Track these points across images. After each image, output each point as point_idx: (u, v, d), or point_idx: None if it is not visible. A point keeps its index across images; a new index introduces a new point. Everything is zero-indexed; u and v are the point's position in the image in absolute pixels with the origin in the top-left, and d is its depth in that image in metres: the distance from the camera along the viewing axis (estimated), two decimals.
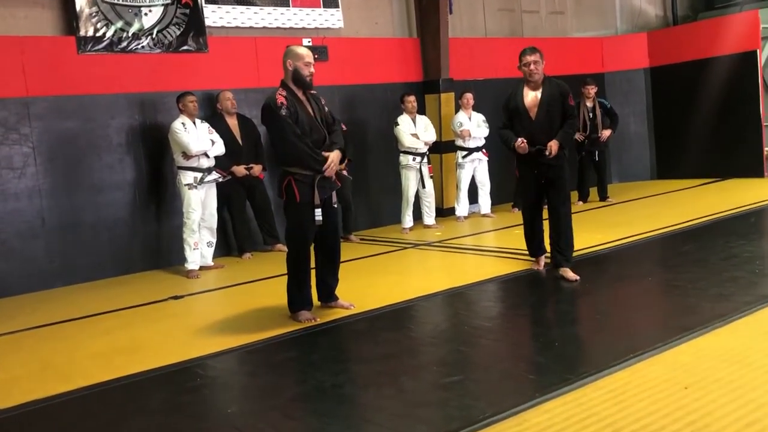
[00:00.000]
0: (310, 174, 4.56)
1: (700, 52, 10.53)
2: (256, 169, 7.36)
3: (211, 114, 7.48)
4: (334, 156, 4.60)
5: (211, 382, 3.83)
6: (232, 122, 7.38)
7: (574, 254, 5.59)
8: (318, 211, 4.57)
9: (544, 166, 5.38)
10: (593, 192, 9.47)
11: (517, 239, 7.09)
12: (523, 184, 5.80)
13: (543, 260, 5.70)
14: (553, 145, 5.26)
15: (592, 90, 9.23)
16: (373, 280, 5.91)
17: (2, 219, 6.48)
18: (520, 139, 5.36)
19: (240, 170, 7.27)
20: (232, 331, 4.68)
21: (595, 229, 7.30)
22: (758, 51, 9.95)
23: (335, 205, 4.82)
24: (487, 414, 2.94)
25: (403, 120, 8.21)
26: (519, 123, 5.44)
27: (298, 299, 4.71)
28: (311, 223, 4.59)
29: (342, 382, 3.55)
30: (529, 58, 5.35)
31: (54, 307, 5.89)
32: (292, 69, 4.61)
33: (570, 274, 5.22)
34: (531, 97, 5.41)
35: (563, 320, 4.58)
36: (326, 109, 4.82)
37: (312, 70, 4.63)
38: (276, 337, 4.39)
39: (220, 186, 7.13)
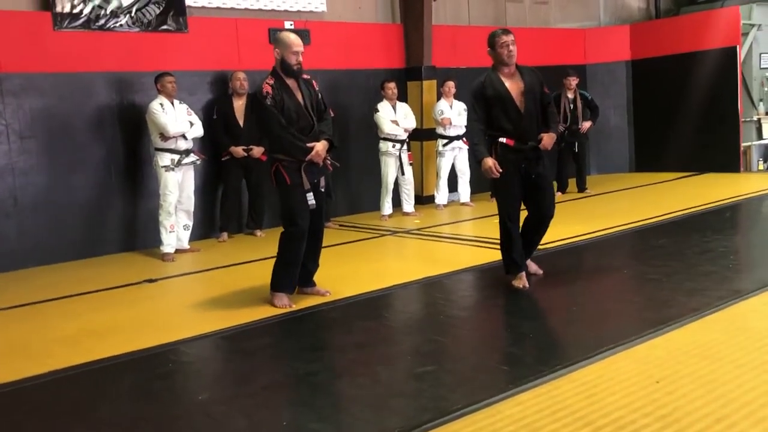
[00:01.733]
0: (295, 161, 4.56)
1: (681, 47, 10.58)
2: (257, 150, 7.31)
3: (222, 93, 7.52)
4: (319, 146, 4.59)
5: (184, 368, 3.80)
6: (238, 103, 7.34)
7: (552, 245, 5.60)
8: (310, 195, 4.58)
9: (533, 161, 4.77)
10: (572, 183, 9.52)
11: (496, 229, 7.10)
12: (505, 187, 4.82)
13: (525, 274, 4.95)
14: (549, 139, 4.75)
15: (573, 81, 9.24)
16: (351, 267, 5.88)
17: None
18: (490, 161, 4.64)
19: (237, 151, 7.24)
20: (207, 315, 4.64)
21: (573, 220, 7.32)
22: (738, 47, 10.03)
23: (322, 190, 4.81)
24: (460, 405, 2.94)
25: (383, 107, 8.16)
26: (504, 115, 4.70)
27: (283, 280, 4.68)
28: (305, 203, 4.58)
29: (316, 370, 3.53)
30: (506, 38, 4.68)
31: (25, 288, 5.80)
32: (280, 58, 4.60)
33: (535, 267, 5.17)
34: (510, 85, 4.74)
35: (538, 312, 4.59)
36: (320, 95, 4.79)
37: (300, 59, 4.61)
38: (250, 323, 4.35)
39: (217, 165, 7.13)
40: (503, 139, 4.71)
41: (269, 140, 4.70)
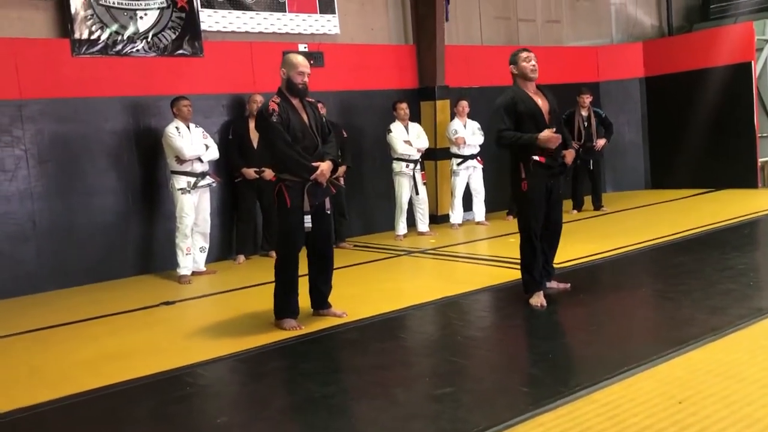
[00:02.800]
0: (300, 180, 4.56)
1: (695, 63, 10.55)
2: (268, 173, 7.34)
3: (238, 116, 7.61)
4: (324, 166, 4.61)
5: (201, 391, 3.79)
6: (253, 125, 7.38)
7: (569, 264, 5.56)
8: (307, 218, 4.57)
9: (557, 177, 4.89)
10: (587, 201, 9.47)
11: (512, 248, 7.07)
12: (533, 204, 4.82)
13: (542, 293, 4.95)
14: (570, 155, 4.88)
15: (587, 99, 9.23)
16: (366, 288, 5.87)
17: None
18: (545, 132, 4.65)
19: (249, 173, 7.28)
20: (223, 338, 4.64)
21: (589, 239, 7.28)
22: (753, 62, 9.99)
23: (328, 212, 4.80)
24: (480, 427, 2.91)
25: (396, 127, 8.19)
26: (536, 131, 4.70)
27: (284, 306, 4.69)
28: (300, 229, 4.58)
29: (333, 392, 3.51)
30: (530, 54, 4.81)
31: (43, 312, 5.83)
32: (286, 78, 4.64)
33: (556, 283, 5.18)
34: (539, 102, 4.82)
35: (557, 331, 4.55)
36: (324, 119, 4.82)
37: (306, 79, 4.65)
38: (267, 346, 4.35)
39: (232, 186, 7.18)
40: (536, 157, 4.73)
41: (274, 158, 4.68)
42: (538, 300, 4.79)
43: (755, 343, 3.73)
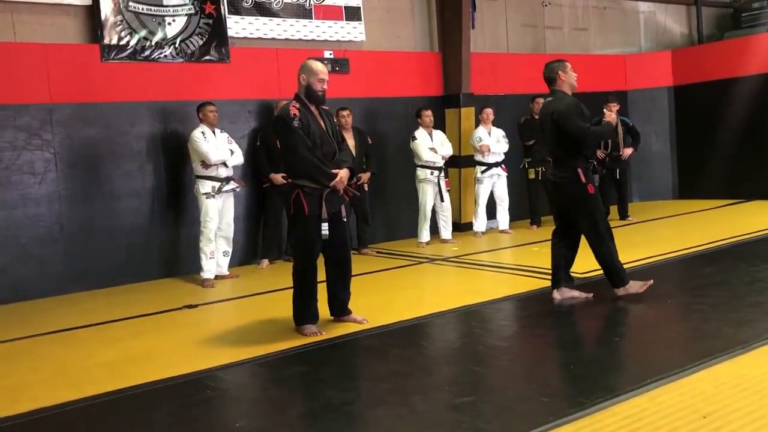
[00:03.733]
0: (318, 187, 4.56)
1: (725, 72, 10.40)
2: None
3: (267, 122, 7.59)
4: (343, 173, 4.62)
5: (221, 394, 3.80)
6: None
7: (594, 274, 5.50)
8: (325, 225, 4.56)
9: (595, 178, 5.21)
10: (613, 210, 9.35)
11: (536, 257, 7.03)
12: (599, 201, 5.11)
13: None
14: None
15: (614, 108, 9.11)
16: (388, 295, 5.86)
17: (22, 223, 6.53)
18: (606, 109, 5.09)
19: (277, 178, 7.29)
20: (244, 342, 4.65)
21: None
22: None
23: (344, 219, 4.80)
24: None
25: (420, 134, 8.18)
26: None
27: (302, 312, 4.68)
28: (317, 236, 4.58)
29: (352, 399, 3.50)
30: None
31: (69, 313, 5.91)
32: (305, 84, 4.64)
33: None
34: None
35: (579, 342, 4.50)
36: (336, 127, 4.85)
37: (325, 86, 4.65)
38: (287, 351, 4.35)
39: (260, 192, 7.22)
40: (597, 156, 5.03)
41: (293, 164, 4.64)
42: (638, 285, 5.01)
43: None
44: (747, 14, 12.43)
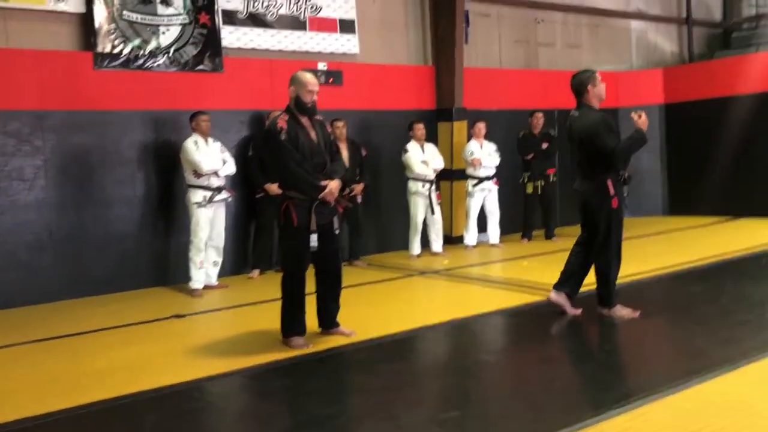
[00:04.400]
0: (307, 199, 4.56)
1: (715, 91, 10.49)
2: None
3: (257, 132, 7.59)
4: (333, 185, 4.61)
5: (207, 406, 3.79)
6: None
7: (583, 289, 5.53)
8: (313, 237, 4.55)
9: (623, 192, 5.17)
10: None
11: (526, 271, 7.06)
12: (622, 216, 5.05)
13: None
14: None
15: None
16: (377, 307, 5.85)
17: (10, 230, 6.49)
18: (635, 114, 4.99)
19: (273, 188, 7.24)
20: (231, 353, 4.63)
21: None
22: None
23: (337, 231, 4.79)
24: None
25: (412, 147, 8.21)
26: None
27: (290, 324, 4.67)
28: (306, 247, 4.56)
29: (338, 413, 3.49)
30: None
31: (57, 321, 5.88)
32: (295, 95, 4.65)
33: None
34: None
35: (567, 358, 4.50)
36: (331, 137, 4.84)
37: (314, 98, 4.65)
38: (274, 363, 4.34)
39: (252, 201, 7.25)
40: (623, 171, 5.01)
41: (281, 176, 4.68)
42: (626, 311, 4.95)
43: None
44: (737, 34, 12.59)
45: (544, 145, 9.02)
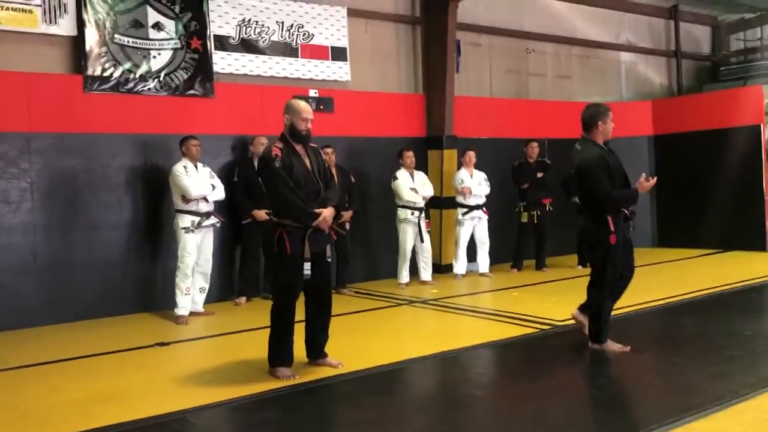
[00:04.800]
0: (301, 227, 4.52)
1: (704, 123, 10.58)
2: None
3: (242, 157, 7.61)
4: (327, 212, 4.58)
5: None
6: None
7: (572, 322, 5.48)
8: (307, 265, 4.52)
9: (629, 227, 5.09)
10: None
11: (516, 302, 7.01)
12: (619, 255, 4.94)
13: None
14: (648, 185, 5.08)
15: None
16: (364, 337, 5.78)
17: None
18: (644, 175, 4.94)
19: (260, 215, 7.23)
20: (215, 383, 4.54)
21: None
22: (762, 125, 10.01)
23: (329, 259, 4.75)
24: None
25: (402, 174, 8.20)
26: (619, 185, 4.97)
27: (277, 354, 4.60)
28: (299, 276, 4.52)
29: None
30: (612, 115, 5.07)
31: (38, 347, 5.76)
32: (289, 123, 4.65)
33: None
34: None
35: (557, 393, 4.42)
36: (327, 164, 4.82)
37: (309, 125, 4.66)
38: (259, 394, 4.25)
39: (238, 227, 7.20)
40: (626, 210, 4.96)
41: (275, 204, 4.67)
42: (616, 346, 4.91)
43: (762, 415, 3.62)
44: (725, 68, 12.74)
45: (539, 174, 9.03)
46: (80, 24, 6.83)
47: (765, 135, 10.08)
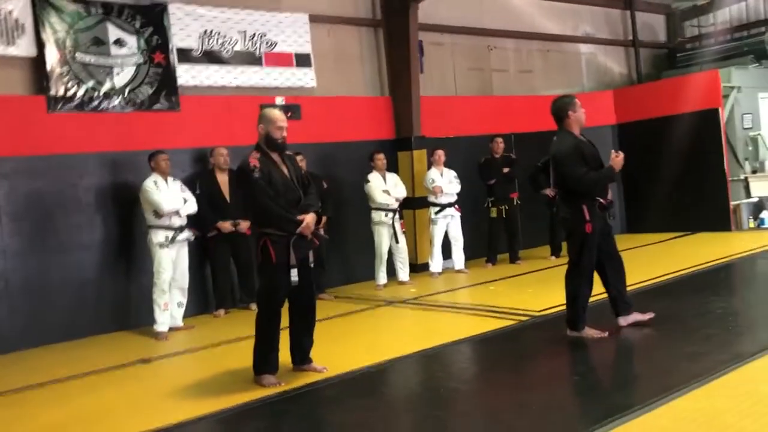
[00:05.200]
0: (285, 234, 4.55)
1: (664, 110, 10.80)
2: (244, 225, 7.29)
3: (202, 169, 7.55)
4: (309, 218, 4.61)
5: None
6: (222, 178, 7.35)
7: (549, 312, 5.56)
8: (294, 272, 4.55)
9: (608, 216, 5.17)
10: (565, 247, 9.49)
11: (493, 296, 7.09)
12: (594, 243, 5.01)
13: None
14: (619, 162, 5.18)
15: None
16: (346, 341, 5.80)
17: None
18: (612, 152, 5.05)
19: (226, 226, 7.21)
20: (201, 397, 4.54)
21: None
22: (720, 109, 10.24)
23: (311, 265, 4.78)
24: None
25: (374, 177, 8.24)
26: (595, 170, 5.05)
27: (263, 362, 4.61)
28: (286, 283, 4.55)
29: None
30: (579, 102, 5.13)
31: (13, 372, 5.68)
32: (264, 133, 4.66)
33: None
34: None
35: (540, 382, 4.49)
36: (303, 170, 4.84)
37: (284, 134, 4.68)
38: (245, 405, 4.25)
39: (205, 240, 7.15)
40: (601, 199, 5.02)
41: (256, 214, 4.68)
42: (593, 332, 5.00)
43: (737, 389, 3.73)
44: (682, 54, 13.00)
45: (506, 170, 9.14)
46: (39, 44, 6.75)
47: (723, 118, 10.32)
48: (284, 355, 4.77)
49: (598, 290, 5.24)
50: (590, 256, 5.04)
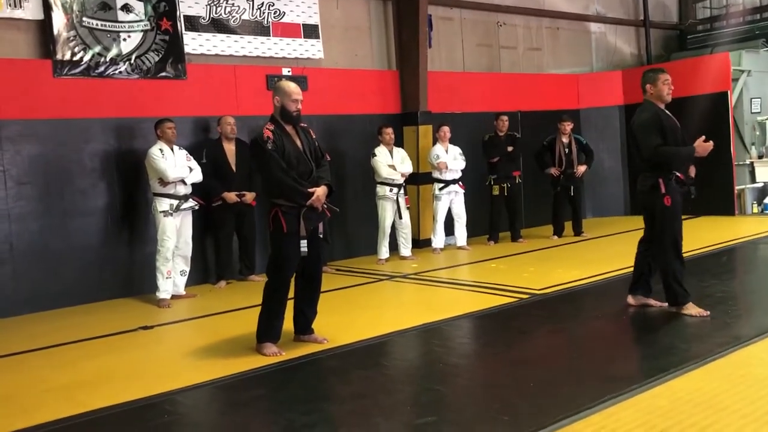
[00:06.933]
0: (296, 206, 4.58)
1: (673, 92, 10.65)
2: (249, 196, 7.30)
3: (207, 138, 7.54)
4: (320, 191, 4.64)
5: (179, 419, 3.73)
6: (229, 147, 7.33)
7: (550, 290, 5.58)
8: (304, 242, 4.59)
9: (686, 194, 5.16)
10: (568, 227, 9.52)
11: (494, 273, 7.12)
12: (676, 216, 5.07)
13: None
14: (693, 169, 5.22)
15: (568, 126, 9.33)
16: (347, 313, 5.83)
17: None
18: (700, 141, 5.01)
19: (231, 197, 7.21)
20: (203, 364, 4.58)
21: (570, 264, 7.32)
22: (729, 92, 10.17)
23: (321, 236, 4.81)
24: None
25: (380, 151, 8.22)
26: (674, 145, 5.03)
27: (267, 330, 4.66)
28: (296, 254, 4.59)
29: (313, 422, 3.47)
30: (668, 76, 5.08)
31: (18, 336, 5.73)
32: (280, 105, 4.67)
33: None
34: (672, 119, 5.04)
35: (539, 359, 4.52)
36: (316, 143, 4.85)
37: (299, 106, 4.70)
38: (246, 372, 4.29)
39: (209, 210, 7.15)
40: (678, 173, 5.00)
41: (269, 185, 4.72)
42: (695, 310, 4.90)
43: (735, 371, 3.76)
44: (692, 36, 12.89)
45: (510, 148, 9.11)
46: (46, 7, 6.71)
47: (732, 101, 10.25)
48: (286, 325, 4.80)
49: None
50: (672, 229, 5.00)
